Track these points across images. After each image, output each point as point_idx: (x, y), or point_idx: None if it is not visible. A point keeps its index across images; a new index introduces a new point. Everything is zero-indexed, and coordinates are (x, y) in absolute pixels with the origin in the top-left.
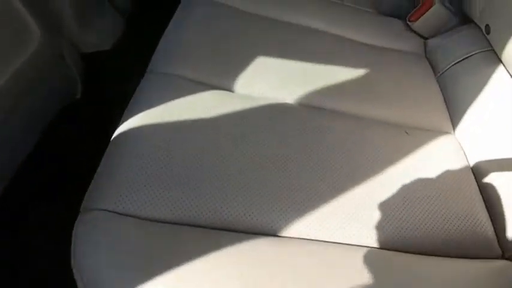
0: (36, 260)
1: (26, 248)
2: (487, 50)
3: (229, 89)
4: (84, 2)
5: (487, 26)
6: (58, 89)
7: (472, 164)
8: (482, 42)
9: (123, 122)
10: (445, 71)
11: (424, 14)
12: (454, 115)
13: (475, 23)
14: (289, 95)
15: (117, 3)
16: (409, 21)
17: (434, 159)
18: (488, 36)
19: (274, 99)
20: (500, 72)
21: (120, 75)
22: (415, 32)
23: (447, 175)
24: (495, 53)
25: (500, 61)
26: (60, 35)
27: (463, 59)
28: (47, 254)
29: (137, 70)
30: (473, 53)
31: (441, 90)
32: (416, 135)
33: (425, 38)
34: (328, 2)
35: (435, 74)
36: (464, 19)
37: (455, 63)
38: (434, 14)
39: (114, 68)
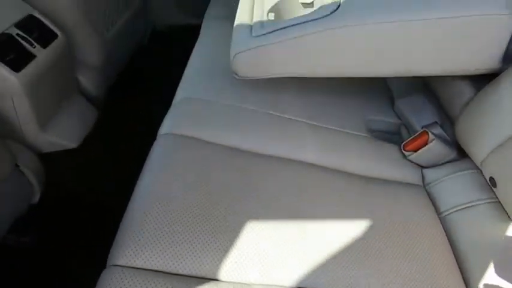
0: None
1: None
2: (492, 202)
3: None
4: (47, 101)
5: (491, 178)
6: (10, 196)
7: None
8: (486, 190)
9: None
10: (448, 214)
11: (419, 149)
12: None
13: None
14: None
15: (84, 90)
16: (404, 150)
17: None
18: (494, 189)
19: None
20: (510, 231)
21: (83, 176)
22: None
23: None
24: (501, 205)
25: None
26: (13, 139)
27: (466, 207)
28: None
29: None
30: (478, 203)
31: (445, 231)
32: None
33: (423, 167)
34: (314, 126)
35: (436, 212)
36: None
37: (457, 210)
38: (431, 150)
39: (77, 167)
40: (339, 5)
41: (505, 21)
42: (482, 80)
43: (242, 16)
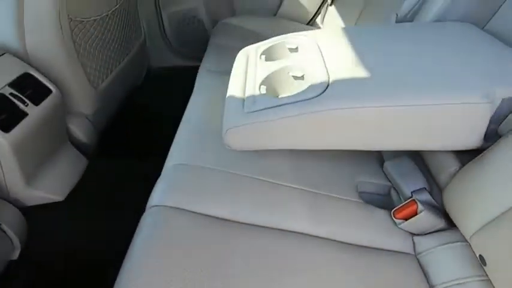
0: None
1: None
2: (483, 280)
3: None
4: (36, 156)
5: (481, 257)
6: None
7: None
8: (477, 266)
9: None
10: None
11: (409, 219)
12: None
13: None
14: None
15: (75, 139)
16: (395, 217)
17: None
18: (484, 268)
19: None
20: None
21: (69, 230)
22: None
23: None
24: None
25: None
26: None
27: (457, 284)
28: None
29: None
30: (468, 280)
31: None
32: None
33: (414, 234)
34: (305, 192)
35: (428, 284)
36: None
37: (448, 286)
38: (420, 220)
39: (64, 219)
40: (327, 86)
41: (484, 108)
42: (469, 152)
43: (234, 87)
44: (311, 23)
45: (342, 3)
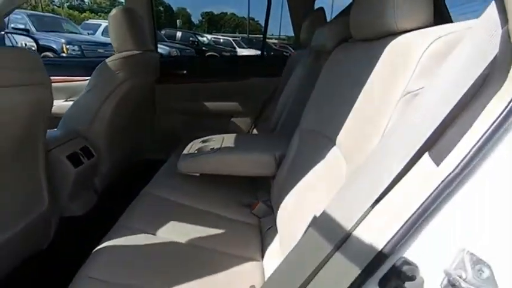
0: None
1: None
2: None
3: None
4: (78, 185)
5: None
6: (33, 239)
7: None
8: None
9: None
10: None
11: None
12: None
13: None
14: None
15: (94, 185)
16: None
17: None
18: None
19: None
20: None
21: (82, 238)
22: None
23: None
24: None
25: None
26: (52, 204)
27: None
28: None
29: (96, 234)
30: None
31: None
32: None
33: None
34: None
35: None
36: None
37: None
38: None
39: (79, 231)
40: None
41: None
42: None
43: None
44: None
45: None
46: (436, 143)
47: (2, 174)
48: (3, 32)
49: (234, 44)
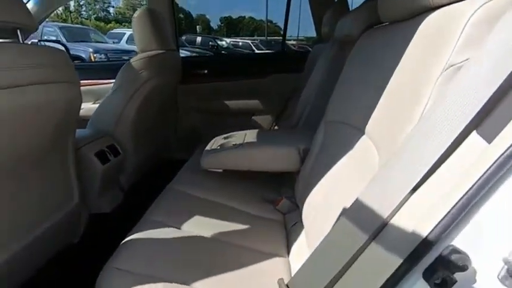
0: None
1: None
2: None
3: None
4: (105, 182)
5: None
6: (64, 234)
7: None
8: None
9: None
10: None
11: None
12: None
13: None
14: None
15: (120, 183)
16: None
17: None
18: None
19: None
20: None
21: (110, 233)
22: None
23: None
24: None
25: None
26: (82, 201)
27: None
28: None
29: (124, 230)
30: None
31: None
32: None
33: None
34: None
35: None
36: None
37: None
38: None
39: (107, 227)
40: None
41: None
42: None
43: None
44: None
45: None
46: (484, 120)
47: (37, 171)
48: (36, 40)
49: (253, 47)
